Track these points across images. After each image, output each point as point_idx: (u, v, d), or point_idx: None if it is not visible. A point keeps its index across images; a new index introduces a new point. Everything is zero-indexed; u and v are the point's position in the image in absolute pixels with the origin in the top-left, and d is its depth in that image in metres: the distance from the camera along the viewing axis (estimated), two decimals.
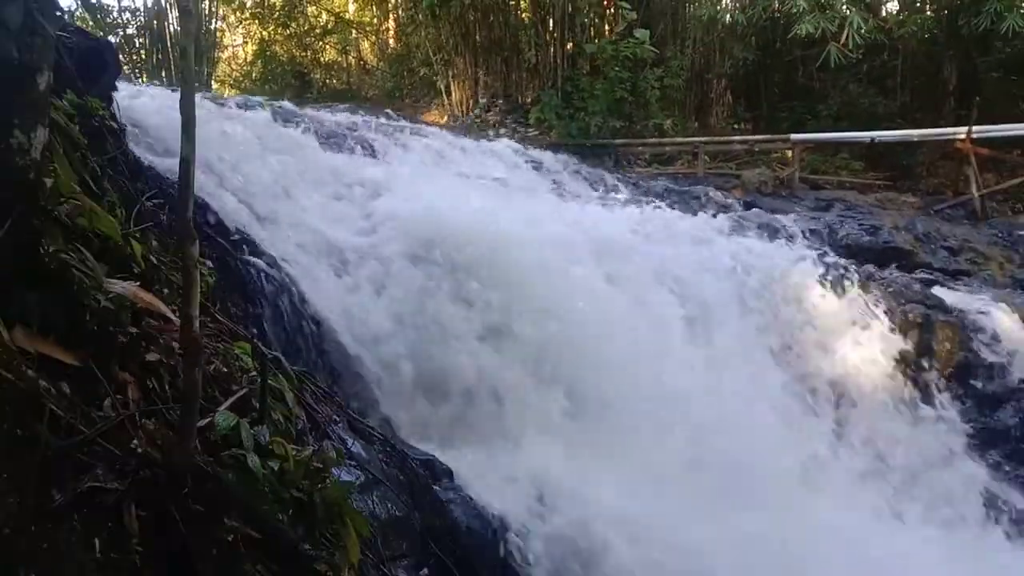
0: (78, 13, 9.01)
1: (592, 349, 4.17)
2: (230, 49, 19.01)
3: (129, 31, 14.07)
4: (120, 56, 8.84)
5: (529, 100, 14.13)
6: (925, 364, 5.80)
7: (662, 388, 4.26)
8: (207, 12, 15.21)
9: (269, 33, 17.44)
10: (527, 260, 4.37)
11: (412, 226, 4.31)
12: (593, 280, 4.77)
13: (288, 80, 16.53)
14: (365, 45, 18.89)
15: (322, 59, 18.08)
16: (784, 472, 4.51)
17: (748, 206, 8.71)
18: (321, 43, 17.89)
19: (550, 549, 3.00)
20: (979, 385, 5.79)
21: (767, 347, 5.48)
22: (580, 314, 4.31)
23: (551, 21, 14.07)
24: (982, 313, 6.14)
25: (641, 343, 4.52)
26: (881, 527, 4.69)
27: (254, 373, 2.07)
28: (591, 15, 14.13)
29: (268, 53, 17.15)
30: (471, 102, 14.39)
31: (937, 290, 6.54)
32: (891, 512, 4.92)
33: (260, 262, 3.47)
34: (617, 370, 4.15)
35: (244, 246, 3.52)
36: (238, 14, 17.94)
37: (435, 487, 2.96)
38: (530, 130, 12.90)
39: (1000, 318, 6.13)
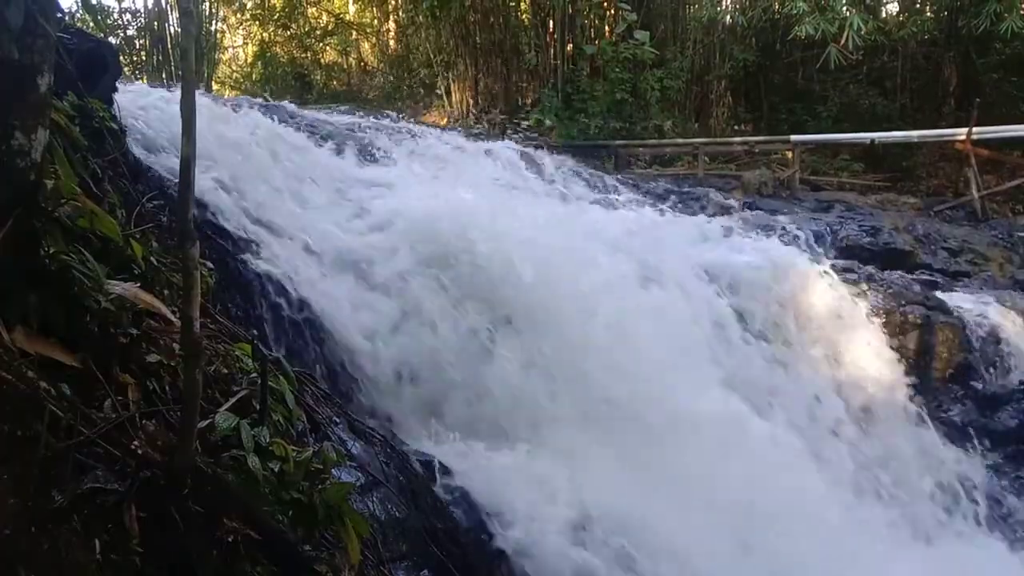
0: (79, 14, 9.01)
1: (603, 350, 4.16)
2: (230, 50, 19.03)
3: (129, 32, 14.10)
4: (121, 57, 8.85)
5: (529, 101, 14.16)
6: (925, 365, 5.79)
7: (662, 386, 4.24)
8: (207, 13, 15.23)
9: (269, 34, 17.47)
10: (528, 259, 4.37)
11: (411, 227, 4.31)
12: (597, 276, 4.78)
13: (288, 81, 16.56)
14: (365, 46, 18.91)
15: (322, 60, 18.09)
16: (779, 471, 4.50)
17: (748, 207, 8.72)
18: (321, 44, 17.90)
19: (552, 549, 2.99)
20: (979, 386, 5.78)
21: (767, 348, 5.47)
22: (589, 314, 4.31)
23: (551, 23, 14.09)
24: (982, 314, 6.14)
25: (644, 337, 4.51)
26: (877, 529, 4.69)
27: (254, 374, 2.07)
28: (591, 17, 14.14)
29: (268, 54, 17.17)
30: (471, 103, 14.41)
31: (937, 292, 6.55)
32: (887, 514, 4.91)
33: (260, 263, 3.48)
34: (628, 373, 4.14)
35: (244, 247, 3.52)
36: (238, 15, 17.97)
37: (435, 488, 2.96)
38: (530, 131, 12.91)
39: (1000, 319, 6.13)
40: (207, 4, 15.12)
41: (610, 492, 3.36)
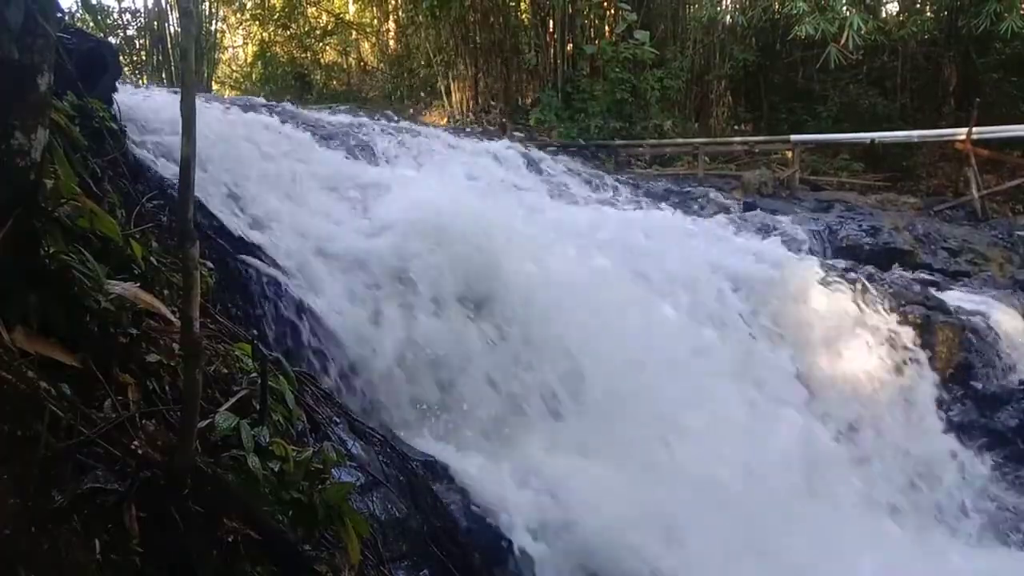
0: (79, 14, 9.02)
1: (598, 345, 4.17)
2: (230, 50, 19.05)
3: (129, 32, 14.12)
4: (121, 57, 8.85)
5: (529, 101, 14.16)
6: (925, 365, 5.79)
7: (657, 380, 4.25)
8: (207, 13, 15.24)
9: (269, 34, 17.48)
10: (523, 256, 4.39)
11: (411, 228, 4.31)
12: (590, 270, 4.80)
13: (288, 81, 16.57)
14: (365, 46, 18.92)
15: (322, 60, 18.10)
16: (782, 472, 4.50)
17: (748, 207, 8.72)
18: (321, 44, 17.92)
19: (552, 549, 2.99)
20: (979, 386, 5.78)
21: (766, 348, 5.47)
22: (582, 309, 4.32)
23: (551, 23, 14.09)
24: (982, 314, 6.14)
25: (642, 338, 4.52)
26: (877, 530, 4.69)
27: (254, 374, 2.07)
28: (591, 17, 14.15)
29: (268, 54, 17.19)
30: (471, 103, 14.41)
31: (937, 291, 6.54)
32: (887, 515, 4.91)
33: (260, 263, 3.47)
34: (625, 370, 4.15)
35: (244, 247, 3.52)
36: (238, 15, 17.98)
37: (435, 488, 2.96)
38: (530, 131, 12.91)
39: (1000, 319, 6.13)
40: (207, 4, 15.13)
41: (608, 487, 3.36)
